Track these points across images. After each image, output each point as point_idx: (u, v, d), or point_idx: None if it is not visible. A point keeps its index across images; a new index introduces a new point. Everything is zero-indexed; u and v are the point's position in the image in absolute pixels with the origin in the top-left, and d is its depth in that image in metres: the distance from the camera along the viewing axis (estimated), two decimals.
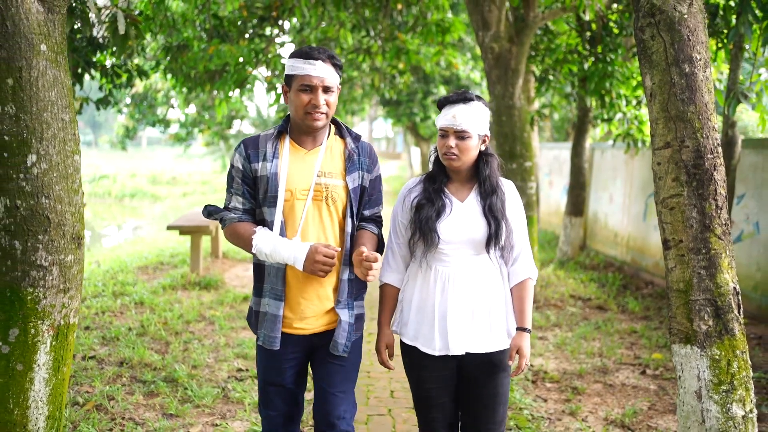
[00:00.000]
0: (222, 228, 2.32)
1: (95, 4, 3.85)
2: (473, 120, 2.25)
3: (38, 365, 2.36)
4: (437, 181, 2.33)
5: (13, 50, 2.23)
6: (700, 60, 2.52)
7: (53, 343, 2.40)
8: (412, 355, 2.35)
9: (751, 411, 2.51)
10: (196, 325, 5.17)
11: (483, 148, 2.32)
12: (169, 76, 8.09)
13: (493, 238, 2.25)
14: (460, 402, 2.39)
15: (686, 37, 2.50)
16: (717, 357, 2.50)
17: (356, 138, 2.36)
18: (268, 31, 8.39)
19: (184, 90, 8.67)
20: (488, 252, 2.27)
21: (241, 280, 6.99)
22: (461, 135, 2.24)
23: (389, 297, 2.41)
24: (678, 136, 2.52)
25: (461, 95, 2.29)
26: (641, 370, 4.48)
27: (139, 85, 14.33)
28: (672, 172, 2.54)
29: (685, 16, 2.51)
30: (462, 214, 2.29)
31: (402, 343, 2.38)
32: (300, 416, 2.39)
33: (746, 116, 15.31)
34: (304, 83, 2.18)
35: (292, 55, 2.24)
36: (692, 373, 2.54)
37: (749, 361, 2.55)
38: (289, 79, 2.25)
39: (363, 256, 2.11)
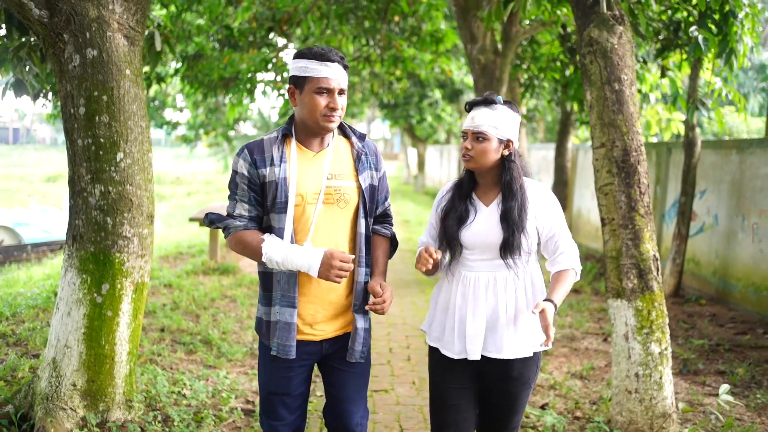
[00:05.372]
0: (226, 237, 2.20)
1: None
2: (494, 123, 2.19)
3: (122, 312, 3.10)
4: (464, 187, 2.32)
5: (107, 74, 2.98)
6: (627, 80, 3.27)
7: (133, 296, 3.14)
8: (434, 357, 2.35)
9: (666, 349, 3.26)
10: (220, 302, 5.92)
11: (506, 153, 2.24)
12: (185, 82, 8.80)
13: (508, 245, 2.19)
14: (478, 406, 2.39)
15: (616, 62, 3.26)
16: (640, 308, 3.25)
17: (361, 137, 2.30)
18: (274, 40, 9.11)
19: (199, 97, 9.36)
20: (504, 258, 2.21)
21: (254, 267, 7.74)
22: (478, 137, 2.20)
23: None
24: (610, 138, 3.27)
25: (485, 98, 2.24)
26: (604, 338, 5.23)
27: (150, 89, 15.02)
28: (606, 166, 3.30)
29: (616, 46, 3.26)
30: (484, 219, 2.25)
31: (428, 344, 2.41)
32: (304, 425, 2.33)
33: (730, 119, 16.13)
34: (322, 86, 2.07)
35: (303, 56, 2.10)
36: (621, 320, 3.29)
37: (665, 311, 3.30)
38: (300, 81, 2.10)
39: (370, 305, 2.17)
